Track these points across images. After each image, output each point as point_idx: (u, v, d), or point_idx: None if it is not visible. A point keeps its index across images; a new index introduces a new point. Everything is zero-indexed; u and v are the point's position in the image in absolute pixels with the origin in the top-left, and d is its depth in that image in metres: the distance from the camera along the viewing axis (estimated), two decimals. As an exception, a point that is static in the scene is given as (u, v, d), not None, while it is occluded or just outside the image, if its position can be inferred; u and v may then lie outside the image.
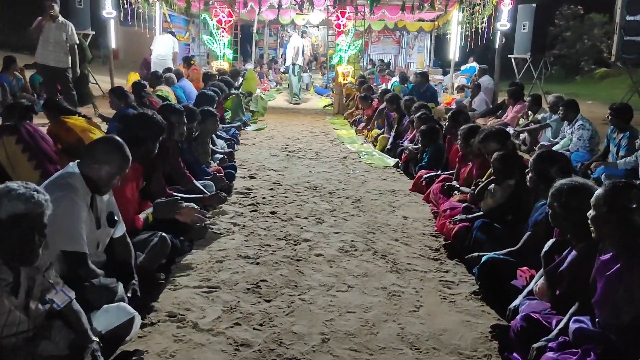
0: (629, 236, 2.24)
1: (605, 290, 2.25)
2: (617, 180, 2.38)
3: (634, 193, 2.23)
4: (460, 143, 4.94)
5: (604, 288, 2.26)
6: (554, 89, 18.29)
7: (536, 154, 3.45)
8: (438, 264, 3.87)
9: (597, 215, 2.33)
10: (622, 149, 6.34)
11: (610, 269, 2.25)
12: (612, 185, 2.32)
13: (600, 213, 2.31)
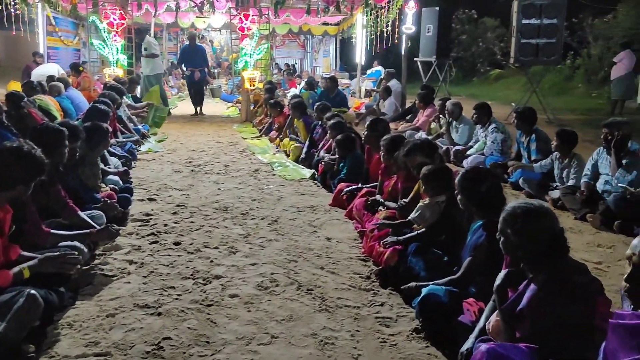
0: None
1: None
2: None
3: None
4: (383, 154, 4.56)
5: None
6: (454, 91, 18.88)
7: (461, 174, 3.11)
8: (371, 295, 3.42)
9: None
10: (532, 152, 6.32)
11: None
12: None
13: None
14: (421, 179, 3.64)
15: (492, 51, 24.08)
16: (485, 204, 2.92)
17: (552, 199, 5.56)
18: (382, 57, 18.57)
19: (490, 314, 2.57)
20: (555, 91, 17.71)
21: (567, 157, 5.71)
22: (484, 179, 2.98)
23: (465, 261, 2.94)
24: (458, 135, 8.03)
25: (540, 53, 11.69)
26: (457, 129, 8.09)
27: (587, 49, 17.81)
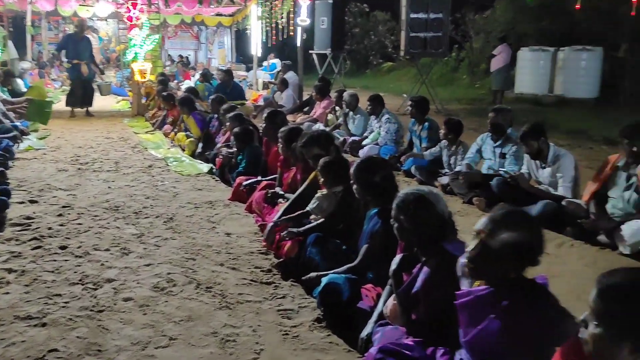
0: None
1: (479, 338, 1.98)
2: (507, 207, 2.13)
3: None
4: (282, 146, 4.54)
5: (478, 335, 1.98)
6: (349, 83, 19.32)
7: (356, 164, 3.18)
8: (272, 288, 3.40)
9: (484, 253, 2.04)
10: (423, 140, 6.63)
11: (484, 311, 1.98)
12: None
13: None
14: (318, 171, 3.66)
15: (383, 44, 24.90)
16: (380, 193, 3.01)
17: (442, 184, 5.86)
18: (279, 49, 18.54)
19: (387, 299, 2.66)
20: (442, 82, 18.68)
21: (454, 145, 6.04)
22: (377, 169, 3.06)
23: (362, 248, 3.01)
24: (354, 126, 8.21)
25: (428, 46, 12.26)
26: (353, 119, 8.27)
27: (470, 42, 18.95)
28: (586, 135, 9.52)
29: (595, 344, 1.45)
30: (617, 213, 4.30)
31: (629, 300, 1.40)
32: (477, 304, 2.04)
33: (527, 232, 1.98)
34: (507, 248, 1.94)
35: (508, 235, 1.96)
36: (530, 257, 1.97)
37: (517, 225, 1.98)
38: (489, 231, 1.99)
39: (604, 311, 1.43)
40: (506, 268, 1.97)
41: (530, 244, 1.96)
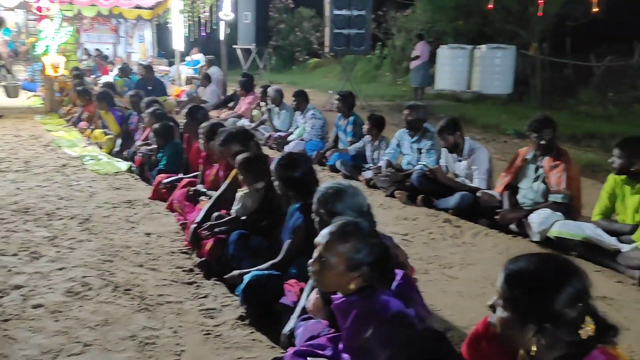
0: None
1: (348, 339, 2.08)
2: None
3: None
4: (203, 143, 4.45)
5: (347, 337, 2.10)
6: (275, 78, 19.25)
7: (276, 160, 3.18)
8: (194, 288, 3.32)
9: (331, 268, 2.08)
10: (348, 134, 6.72)
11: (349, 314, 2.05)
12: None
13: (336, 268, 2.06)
14: (237, 168, 3.61)
15: (309, 40, 24.98)
16: (301, 188, 3.02)
17: (365, 179, 5.97)
18: (202, 44, 18.14)
19: (310, 293, 2.66)
20: (366, 79, 19.03)
21: (377, 140, 6.17)
22: (298, 165, 3.06)
23: (285, 244, 3.01)
24: (280, 121, 8.19)
25: (351, 43, 12.41)
26: (278, 115, 8.25)
27: (392, 40, 19.40)
28: (499, 130, 10.02)
29: (503, 327, 1.52)
30: (527, 203, 4.56)
31: (532, 284, 1.47)
32: (340, 310, 2.12)
33: (360, 243, 2.02)
34: (340, 259, 2.00)
35: (341, 247, 2.01)
36: (370, 267, 2.01)
37: (350, 236, 2.03)
38: (325, 243, 2.04)
39: (510, 295, 1.49)
40: (345, 280, 2.01)
41: (363, 253, 2.00)
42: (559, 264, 1.50)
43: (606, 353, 1.43)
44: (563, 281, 1.45)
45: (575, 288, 1.45)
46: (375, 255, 2.02)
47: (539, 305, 1.45)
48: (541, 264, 1.50)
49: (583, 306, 1.44)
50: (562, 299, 1.43)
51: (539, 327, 1.45)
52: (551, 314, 1.43)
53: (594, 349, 1.43)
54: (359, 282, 2.02)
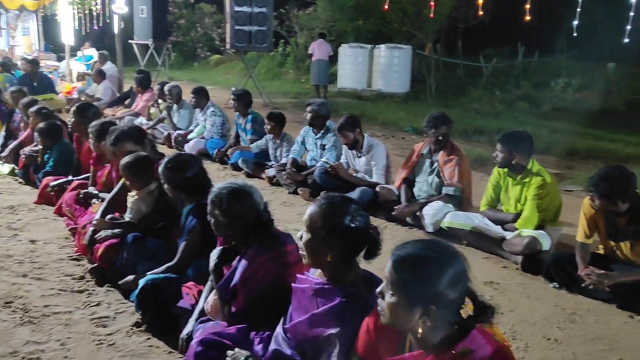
0: (348, 266, 1.93)
1: (307, 327, 1.95)
2: (330, 194, 2.05)
3: (354, 209, 1.93)
4: (93, 142, 4.20)
5: (307, 324, 1.95)
6: (176, 75, 18.67)
7: (163, 163, 3.04)
8: (85, 296, 3.14)
9: (312, 239, 1.92)
10: (248, 132, 6.65)
11: (317, 302, 1.96)
12: (329, 202, 1.95)
13: (317, 237, 1.90)
14: (122, 173, 3.44)
15: (210, 37, 24.48)
16: (193, 189, 2.94)
17: (268, 176, 5.95)
18: (96, 38, 17.20)
19: (208, 294, 2.61)
20: (270, 76, 18.99)
21: (279, 137, 6.17)
22: (187, 166, 2.97)
23: (181, 246, 2.91)
24: (179, 119, 7.95)
25: (253, 40, 12.32)
26: (178, 113, 8.00)
27: (295, 38, 19.53)
28: (398, 126, 10.41)
29: (392, 312, 1.57)
30: (423, 195, 4.77)
31: (417, 269, 1.53)
32: (305, 294, 2.02)
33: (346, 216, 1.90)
34: (326, 233, 1.89)
35: (326, 220, 1.90)
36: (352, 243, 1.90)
37: (335, 210, 1.92)
38: (309, 219, 1.97)
39: (397, 280, 1.54)
40: (329, 255, 1.89)
41: (348, 227, 1.88)
42: (441, 249, 1.58)
43: (484, 332, 1.52)
44: (445, 264, 1.52)
45: (456, 270, 1.52)
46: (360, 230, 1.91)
47: (424, 287, 1.50)
48: (425, 248, 1.56)
49: (462, 287, 1.52)
50: (444, 281, 1.50)
51: (425, 309, 1.50)
52: (435, 295, 1.49)
53: (473, 329, 1.51)
54: (344, 261, 1.92)
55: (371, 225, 1.96)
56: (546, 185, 3.89)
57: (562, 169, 7.45)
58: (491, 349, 1.48)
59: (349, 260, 1.93)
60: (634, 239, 3.30)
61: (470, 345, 1.49)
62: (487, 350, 1.48)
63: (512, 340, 2.82)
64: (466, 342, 1.50)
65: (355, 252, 1.92)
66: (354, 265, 1.96)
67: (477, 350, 1.48)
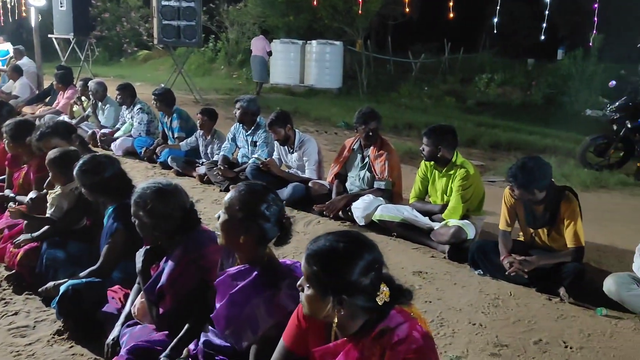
0: (261, 249, 1.99)
1: (227, 308, 1.97)
2: (251, 182, 2.09)
3: (272, 198, 1.99)
4: (8, 142, 3.96)
5: (227, 306, 1.98)
6: (102, 71, 17.94)
7: (77, 166, 2.87)
8: (2, 305, 2.96)
9: (229, 220, 1.97)
10: (175, 130, 6.49)
11: (236, 285, 1.98)
12: (249, 189, 2.00)
13: (234, 219, 1.96)
14: (47, 167, 3.28)
15: (137, 31, 23.66)
16: (112, 191, 2.84)
17: (199, 174, 5.84)
18: (12, 33, 16.20)
19: (136, 297, 2.53)
20: (200, 72, 18.61)
21: (210, 134, 6.07)
22: (103, 167, 2.86)
23: (104, 249, 2.80)
24: (104, 117, 7.65)
25: (182, 35, 12.00)
26: (103, 110, 7.70)
27: (225, 33, 19.22)
28: (331, 122, 10.50)
29: (309, 304, 1.61)
30: (355, 190, 4.83)
31: (326, 261, 1.57)
32: (225, 283, 2.04)
33: (263, 203, 1.95)
34: (242, 216, 1.94)
35: (243, 205, 1.94)
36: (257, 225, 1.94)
37: (253, 196, 1.97)
38: (228, 202, 1.99)
39: (310, 273, 1.58)
40: (242, 237, 1.94)
41: (263, 213, 1.94)
42: (351, 239, 1.61)
43: (402, 312, 1.59)
44: (354, 254, 1.56)
45: (366, 259, 1.56)
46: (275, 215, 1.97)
47: (334, 278, 1.55)
48: (335, 241, 1.60)
49: (375, 274, 1.57)
50: (354, 270, 1.54)
51: (337, 299, 1.55)
52: (346, 285, 1.54)
53: (391, 310, 1.57)
54: (248, 239, 1.95)
55: (285, 215, 2.03)
56: (470, 177, 4.05)
57: (486, 160, 7.78)
58: (409, 326, 1.55)
59: (261, 244, 1.99)
60: (550, 226, 3.50)
61: (389, 324, 1.56)
62: (405, 327, 1.55)
63: (440, 326, 2.93)
64: (385, 322, 1.56)
65: (267, 238, 1.98)
66: (266, 249, 2.01)
67: (396, 328, 1.55)
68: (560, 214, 3.43)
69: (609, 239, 4.45)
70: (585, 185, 6.32)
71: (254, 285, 1.94)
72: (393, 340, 1.53)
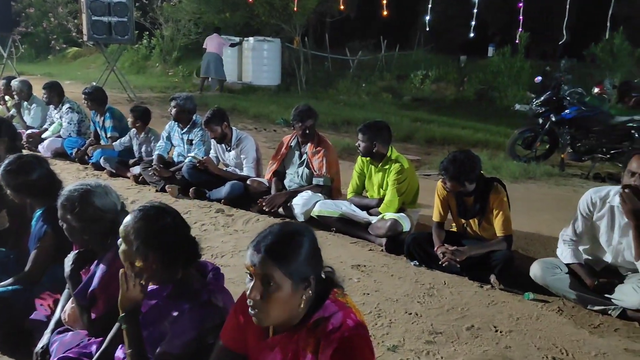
0: (171, 270, 1.92)
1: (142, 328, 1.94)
2: (147, 206, 1.95)
3: (170, 220, 1.91)
4: None
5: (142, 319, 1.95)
6: (27, 69, 17.12)
7: (2, 167, 2.71)
8: None
9: (127, 250, 1.89)
10: (108, 130, 6.30)
11: (148, 305, 1.97)
12: (143, 215, 1.90)
13: (131, 249, 1.88)
14: None
15: (66, 28, 22.67)
16: (40, 192, 2.72)
17: (134, 175, 5.69)
18: None
19: (66, 303, 2.44)
20: (135, 70, 18.10)
21: (143, 133, 5.91)
22: (30, 168, 2.73)
23: (32, 254, 2.68)
24: (30, 117, 7.31)
25: (113, 31, 11.62)
26: (28, 110, 7.35)
27: (160, 30, 18.72)
28: (270, 119, 10.47)
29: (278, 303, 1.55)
30: (294, 187, 4.85)
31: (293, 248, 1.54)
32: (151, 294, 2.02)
33: (160, 228, 1.89)
34: (139, 244, 1.87)
35: (139, 233, 1.87)
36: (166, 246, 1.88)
37: (148, 223, 1.89)
38: (123, 231, 1.92)
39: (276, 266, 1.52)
40: (144, 264, 1.88)
41: (162, 240, 1.87)
42: (296, 225, 1.64)
43: (337, 301, 1.62)
44: (308, 237, 1.58)
45: (314, 240, 1.60)
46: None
47: (302, 261, 1.53)
48: (286, 225, 1.61)
49: (316, 262, 1.60)
50: (311, 251, 1.56)
51: (306, 282, 1.55)
52: (306, 266, 1.54)
53: (326, 300, 1.60)
54: (152, 265, 1.89)
55: (189, 233, 1.97)
56: (404, 171, 4.15)
57: (422, 155, 8.00)
58: (343, 314, 1.57)
59: (170, 266, 1.92)
60: (480, 216, 3.65)
61: (323, 314, 1.58)
62: (339, 316, 1.57)
63: (377, 317, 2.99)
64: (320, 313, 1.58)
65: (173, 259, 1.91)
66: (178, 267, 1.94)
67: (331, 317, 1.57)
68: (489, 205, 3.58)
69: (536, 227, 4.68)
70: (515, 176, 6.61)
71: (166, 304, 1.92)
72: (327, 329, 1.55)
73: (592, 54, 13.59)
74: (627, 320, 3.06)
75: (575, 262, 3.26)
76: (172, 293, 1.95)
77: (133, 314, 1.93)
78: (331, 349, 1.52)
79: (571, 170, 7.24)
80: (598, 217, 3.20)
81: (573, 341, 2.84)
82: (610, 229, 3.16)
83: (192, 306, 1.90)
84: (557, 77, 7.44)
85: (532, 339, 2.84)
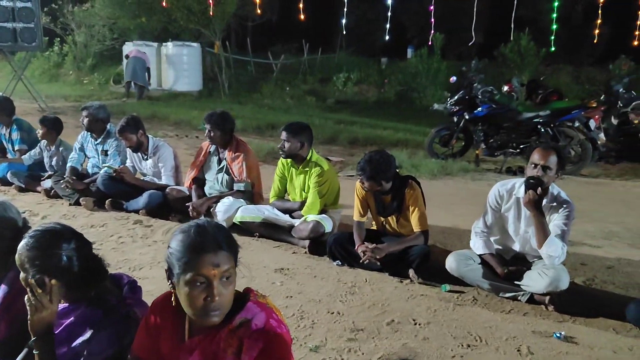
0: (78, 291, 1.86)
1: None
2: (39, 231, 1.84)
3: (66, 243, 1.83)
4: None
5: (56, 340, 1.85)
6: None
7: None
8: None
9: (25, 279, 1.79)
10: (16, 142, 5.96)
11: (61, 324, 1.87)
12: (35, 242, 1.80)
13: (28, 277, 1.77)
14: None
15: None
16: None
17: (45, 188, 5.40)
18: None
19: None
20: (46, 78, 17.23)
21: (54, 145, 5.63)
22: None
23: None
24: None
25: (19, 38, 10.99)
26: None
27: (72, 36, 17.91)
28: (192, 125, 10.27)
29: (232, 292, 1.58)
30: (214, 193, 4.77)
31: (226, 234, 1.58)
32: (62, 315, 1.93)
33: (47, 251, 1.81)
34: (35, 272, 1.79)
35: (33, 262, 1.79)
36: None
37: (40, 250, 1.81)
38: (18, 258, 1.83)
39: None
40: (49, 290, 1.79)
41: (58, 266, 1.80)
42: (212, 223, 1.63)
43: (258, 303, 1.63)
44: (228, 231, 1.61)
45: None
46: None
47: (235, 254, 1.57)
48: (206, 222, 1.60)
49: None
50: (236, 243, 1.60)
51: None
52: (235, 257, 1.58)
53: (248, 302, 1.61)
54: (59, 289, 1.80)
55: (90, 253, 1.90)
56: (324, 173, 4.20)
57: (346, 156, 8.12)
58: (265, 315, 1.59)
59: (75, 288, 1.86)
60: (398, 213, 3.75)
61: (246, 315, 1.58)
62: (262, 317, 1.58)
63: (300, 319, 3.00)
64: (243, 314, 1.58)
65: (77, 281, 1.84)
66: (86, 286, 1.87)
67: (254, 318, 1.58)
68: (405, 202, 3.69)
69: (453, 221, 4.88)
70: (433, 173, 6.86)
71: (80, 322, 1.86)
72: (251, 329, 1.56)
73: (503, 54, 14.36)
74: (534, 304, 3.24)
75: (487, 252, 3.43)
76: (86, 310, 1.88)
77: (45, 337, 1.82)
78: (257, 349, 1.53)
79: (486, 165, 7.60)
80: (506, 208, 3.38)
81: (486, 328, 2.97)
82: (517, 219, 3.35)
83: (109, 322, 1.84)
84: (470, 77, 7.78)
85: (448, 329, 2.95)
